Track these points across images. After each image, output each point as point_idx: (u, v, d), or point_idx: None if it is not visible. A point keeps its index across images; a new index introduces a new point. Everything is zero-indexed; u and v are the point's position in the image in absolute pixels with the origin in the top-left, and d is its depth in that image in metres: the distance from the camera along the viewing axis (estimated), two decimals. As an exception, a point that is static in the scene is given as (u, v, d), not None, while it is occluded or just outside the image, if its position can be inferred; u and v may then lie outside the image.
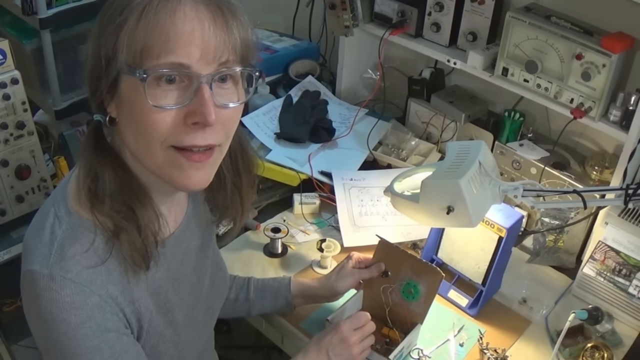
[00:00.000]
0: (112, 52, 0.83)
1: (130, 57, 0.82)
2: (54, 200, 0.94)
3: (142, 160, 0.90)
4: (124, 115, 0.88)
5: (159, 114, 0.83)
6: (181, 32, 0.81)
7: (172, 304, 1.03)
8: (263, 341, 1.96)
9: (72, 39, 1.78)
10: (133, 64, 0.82)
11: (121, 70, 0.84)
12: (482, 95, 1.88)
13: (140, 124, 0.85)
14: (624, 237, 1.40)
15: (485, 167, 1.22)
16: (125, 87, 0.85)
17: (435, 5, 1.70)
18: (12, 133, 1.53)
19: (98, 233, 0.90)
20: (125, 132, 0.89)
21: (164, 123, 0.84)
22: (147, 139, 0.86)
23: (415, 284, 1.30)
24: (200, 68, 0.83)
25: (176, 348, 1.05)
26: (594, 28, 1.45)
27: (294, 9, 2.24)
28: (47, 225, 0.91)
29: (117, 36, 0.82)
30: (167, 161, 0.87)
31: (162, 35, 0.81)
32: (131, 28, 0.81)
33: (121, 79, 0.85)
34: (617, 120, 1.45)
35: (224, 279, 1.26)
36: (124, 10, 0.82)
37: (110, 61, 0.84)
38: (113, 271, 0.91)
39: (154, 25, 0.81)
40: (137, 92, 0.83)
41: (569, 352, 1.33)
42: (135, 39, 0.82)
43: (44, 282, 0.86)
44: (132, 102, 0.84)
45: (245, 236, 1.63)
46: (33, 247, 0.90)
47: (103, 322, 0.89)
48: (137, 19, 0.81)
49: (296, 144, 1.81)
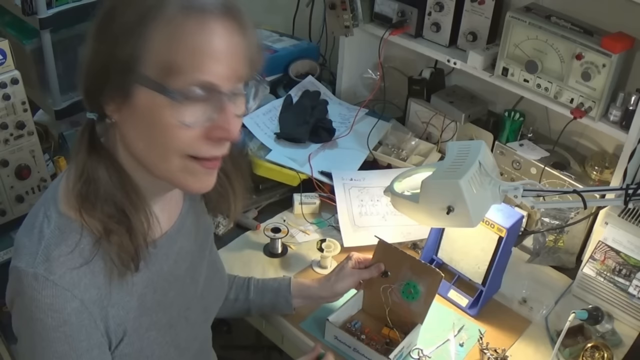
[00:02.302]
0: (129, 61, 0.81)
1: (156, 73, 0.80)
2: (45, 199, 0.94)
3: (151, 167, 0.89)
4: (135, 124, 0.86)
5: (182, 130, 0.83)
6: (213, 51, 0.81)
7: (158, 305, 1.02)
8: (263, 341, 1.96)
9: (72, 39, 1.78)
10: (159, 80, 0.80)
11: (141, 82, 0.81)
12: (482, 95, 1.88)
13: (159, 136, 0.84)
14: (624, 237, 1.40)
15: (485, 167, 1.22)
16: (143, 98, 0.82)
17: (435, 5, 1.70)
18: (12, 133, 1.53)
19: (85, 234, 0.90)
20: (133, 138, 0.87)
21: (186, 138, 0.84)
22: (165, 149, 0.85)
23: (415, 284, 1.30)
24: (224, 84, 0.83)
25: (162, 349, 1.04)
26: (594, 28, 1.45)
27: (294, 9, 2.24)
28: (36, 224, 0.91)
29: (136, 47, 0.80)
30: (181, 168, 0.87)
31: (191, 53, 0.80)
32: (156, 42, 0.80)
33: (138, 89, 0.82)
34: (617, 120, 1.45)
35: (221, 280, 1.25)
36: (143, 19, 0.80)
37: (126, 70, 0.81)
38: (98, 274, 0.91)
39: (182, 41, 0.80)
40: (160, 106, 0.82)
41: (569, 352, 1.33)
42: (161, 54, 0.80)
43: (27, 280, 0.86)
44: (152, 114, 0.83)
45: (245, 236, 1.63)
46: (21, 245, 0.91)
47: (77, 330, 0.89)
48: (162, 33, 0.79)
49: (296, 144, 1.81)
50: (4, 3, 1.83)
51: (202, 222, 1.15)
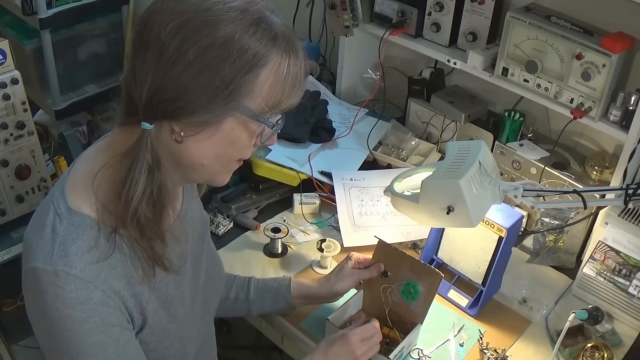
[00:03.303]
0: (233, 92, 0.86)
1: (261, 107, 0.89)
2: (52, 197, 0.95)
3: (207, 175, 0.98)
4: (214, 142, 0.91)
5: (253, 147, 0.96)
6: (301, 83, 0.93)
7: (174, 299, 1.04)
8: (263, 341, 1.96)
9: (72, 39, 1.78)
10: (261, 112, 0.90)
11: (240, 111, 0.88)
12: (482, 95, 1.88)
13: (232, 151, 0.94)
14: (624, 237, 1.40)
15: (485, 167, 1.22)
16: (235, 124, 0.90)
17: (435, 5, 1.70)
18: (12, 133, 1.53)
19: (99, 229, 0.91)
20: (200, 152, 0.92)
21: (251, 151, 0.97)
22: (229, 160, 0.96)
23: (415, 285, 1.30)
24: None
25: (180, 342, 1.06)
26: (594, 28, 1.45)
27: (294, 9, 2.24)
28: (47, 222, 0.91)
29: (242, 80, 0.86)
30: (228, 170, 0.98)
31: (294, 91, 0.92)
32: (270, 82, 0.88)
33: (232, 116, 0.89)
34: (617, 120, 1.45)
35: (219, 273, 1.27)
36: (255, 57, 0.86)
37: (228, 100, 0.87)
38: (115, 266, 0.92)
39: (289, 83, 0.90)
40: (250, 131, 0.92)
41: (569, 352, 1.33)
42: (272, 94, 0.89)
43: (48, 278, 0.87)
44: (238, 136, 0.92)
45: (245, 236, 1.63)
46: (34, 245, 0.90)
47: (107, 317, 0.91)
48: (275, 75, 0.88)
49: (296, 144, 1.81)
50: (4, 3, 1.83)
51: (199, 216, 1.17)
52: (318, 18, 2.17)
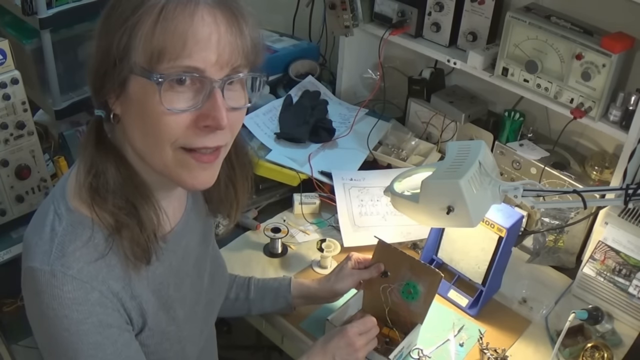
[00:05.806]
0: (124, 51, 0.83)
1: (145, 60, 0.83)
2: (53, 197, 0.95)
3: (148, 159, 0.90)
4: (131, 115, 0.88)
5: (171, 117, 0.84)
6: (199, 36, 0.82)
7: (174, 301, 1.04)
8: (263, 341, 1.96)
9: (72, 39, 1.78)
10: (148, 67, 0.83)
11: (133, 71, 0.84)
12: (482, 95, 1.88)
13: (150, 125, 0.86)
14: (624, 237, 1.40)
15: (485, 167, 1.22)
16: (136, 88, 0.85)
17: (435, 5, 1.70)
18: (12, 133, 1.53)
19: (97, 229, 0.91)
20: (131, 130, 0.89)
21: (176, 125, 0.85)
22: (157, 139, 0.86)
23: (415, 285, 1.30)
24: (214, 73, 0.84)
25: (180, 344, 1.06)
26: (594, 28, 1.45)
27: (294, 9, 2.24)
28: (47, 222, 0.91)
29: (129, 36, 0.82)
30: (175, 161, 0.88)
31: (181, 39, 0.81)
32: (147, 30, 0.82)
33: (131, 78, 0.85)
34: (617, 120, 1.45)
35: (223, 275, 1.27)
36: (137, 10, 0.82)
37: (121, 60, 0.84)
38: (114, 267, 0.92)
39: (172, 29, 0.81)
40: (149, 93, 0.83)
41: (569, 352, 1.33)
42: (152, 42, 0.82)
43: (45, 278, 0.86)
44: (143, 103, 0.85)
45: (245, 236, 1.63)
46: (33, 245, 0.90)
47: (105, 318, 0.90)
48: (155, 21, 0.81)
49: (296, 144, 1.81)
50: (4, 3, 1.83)
51: (204, 218, 1.16)
52: (318, 18, 2.17)
